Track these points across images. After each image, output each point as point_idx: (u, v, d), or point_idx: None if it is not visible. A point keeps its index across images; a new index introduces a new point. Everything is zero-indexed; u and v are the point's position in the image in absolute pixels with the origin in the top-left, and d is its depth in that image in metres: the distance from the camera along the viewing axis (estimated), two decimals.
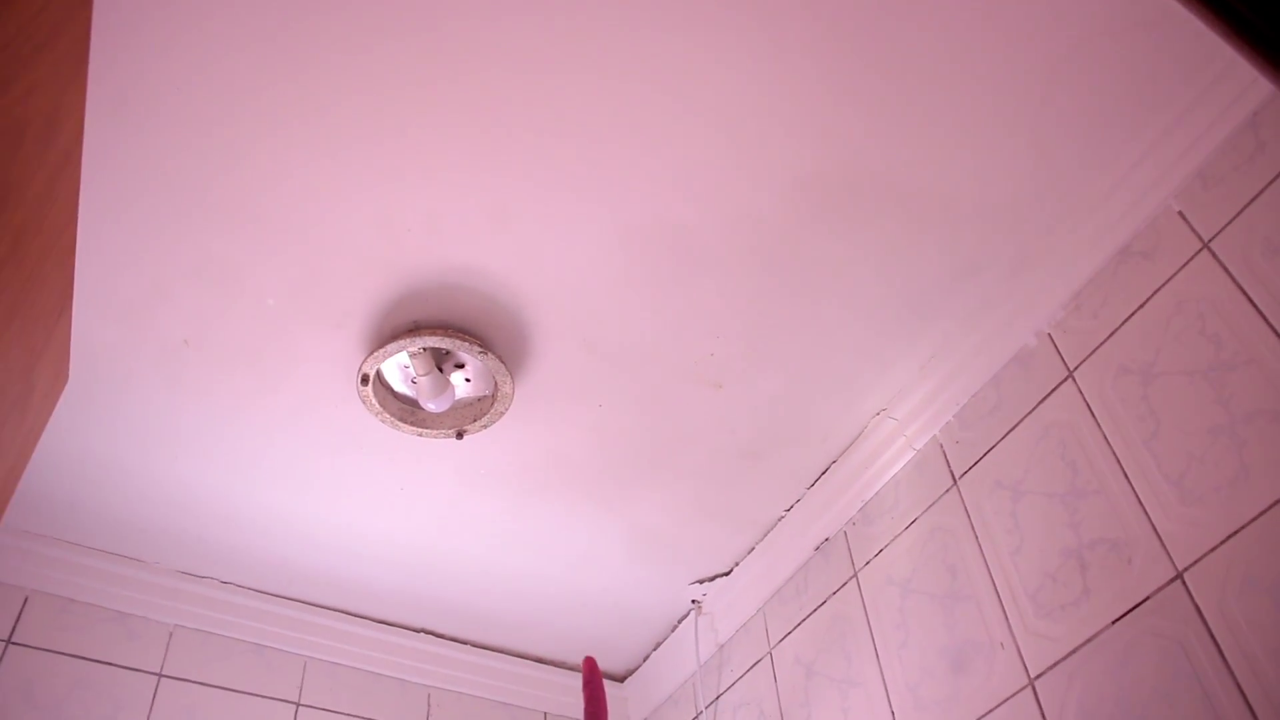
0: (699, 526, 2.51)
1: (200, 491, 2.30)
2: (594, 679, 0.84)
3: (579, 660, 2.95)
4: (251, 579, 2.57)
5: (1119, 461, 1.75)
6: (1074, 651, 1.71)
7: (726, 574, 2.66)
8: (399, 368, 2.08)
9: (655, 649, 2.92)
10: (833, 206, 1.85)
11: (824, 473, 2.40)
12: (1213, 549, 1.55)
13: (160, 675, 2.41)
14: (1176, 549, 1.60)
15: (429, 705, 2.75)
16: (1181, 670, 1.54)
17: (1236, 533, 1.52)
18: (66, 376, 1.86)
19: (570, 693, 2.96)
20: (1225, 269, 1.67)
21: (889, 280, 1.99)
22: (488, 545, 2.52)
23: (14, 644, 2.28)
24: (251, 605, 2.59)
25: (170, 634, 2.49)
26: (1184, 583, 1.57)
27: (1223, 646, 1.49)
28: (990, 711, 1.84)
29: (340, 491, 2.33)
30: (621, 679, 3.04)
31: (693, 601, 2.75)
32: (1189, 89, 1.73)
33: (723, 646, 2.70)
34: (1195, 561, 1.57)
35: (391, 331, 2.00)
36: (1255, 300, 1.61)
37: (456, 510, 2.41)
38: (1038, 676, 1.77)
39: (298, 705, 2.55)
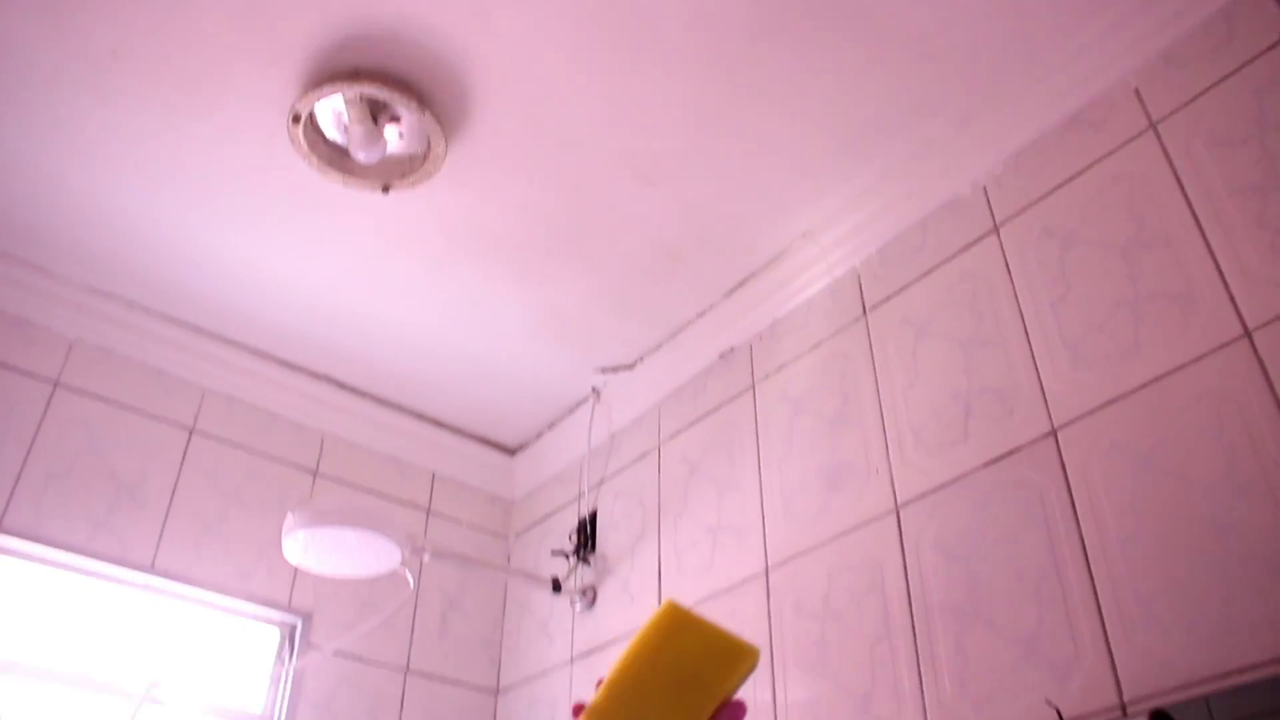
0: (611, 316, 2.55)
1: (115, 208, 2.24)
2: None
3: (476, 427, 3.02)
4: (159, 303, 2.54)
5: (1023, 318, 1.82)
6: (942, 486, 1.83)
7: (630, 367, 2.72)
8: (333, 113, 2.02)
9: (550, 428, 3.01)
10: (797, 20, 1.81)
11: (741, 284, 2.44)
12: (1090, 412, 1.64)
13: (56, 384, 2.41)
14: (1057, 407, 1.70)
15: (321, 450, 2.80)
16: (1035, 517, 1.66)
17: (1115, 400, 1.61)
18: None
19: (462, 457, 3.04)
20: (1166, 152, 1.70)
21: (839, 106, 1.98)
22: (400, 303, 2.53)
23: None
24: (156, 329, 2.57)
25: (70, 346, 2.47)
26: (1056, 439, 1.68)
27: (1076, 501, 1.61)
28: (853, 530, 1.96)
29: (258, 229, 2.29)
30: (512, 452, 3.13)
31: (593, 389, 2.81)
32: None
33: (615, 435, 2.80)
34: (1071, 421, 1.67)
35: (330, 74, 1.93)
36: (1186, 186, 1.65)
37: (373, 265, 2.40)
38: (904, 504, 1.89)
39: (191, 431, 2.58)
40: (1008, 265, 1.90)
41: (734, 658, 0.79)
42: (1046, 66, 1.89)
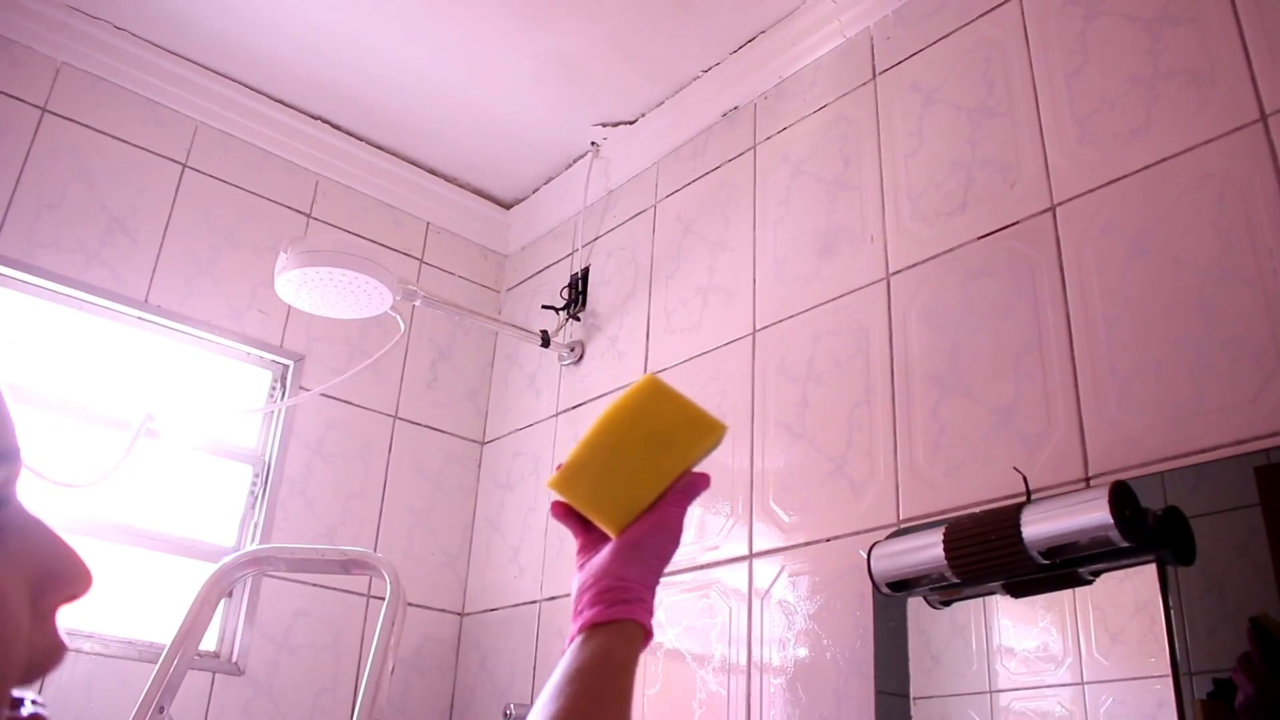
0: (614, 67, 2.47)
1: None
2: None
3: (472, 179, 2.99)
4: (148, 31, 2.44)
5: (1035, 90, 1.77)
6: (935, 256, 1.83)
7: (631, 123, 2.66)
8: None
9: (546, 183, 2.97)
10: None
11: (750, 41, 2.35)
12: (1090, 190, 1.62)
13: (44, 110, 2.35)
14: (1059, 183, 1.67)
15: (315, 192, 2.77)
16: (1024, 290, 1.66)
17: (1118, 180, 1.59)
18: None
19: (457, 208, 3.02)
20: None
21: None
22: (399, 41, 2.43)
23: None
24: (145, 57, 2.48)
25: (58, 70, 2.39)
26: (1054, 215, 1.66)
27: (1067, 278, 1.61)
28: (842, 296, 1.98)
29: None
30: (508, 206, 3.10)
31: (592, 143, 2.76)
32: None
33: (611, 192, 2.77)
34: (1071, 198, 1.65)
35: None
36: None
37: None
38: (895, 272, 1.89)
39: (184, 166, 2.54)
40: (1026, 33, 1.82)
41: (704, 430, 0.85)
42: None
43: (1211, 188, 1.47)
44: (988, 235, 1.76)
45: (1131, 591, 1.37)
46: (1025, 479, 1.52)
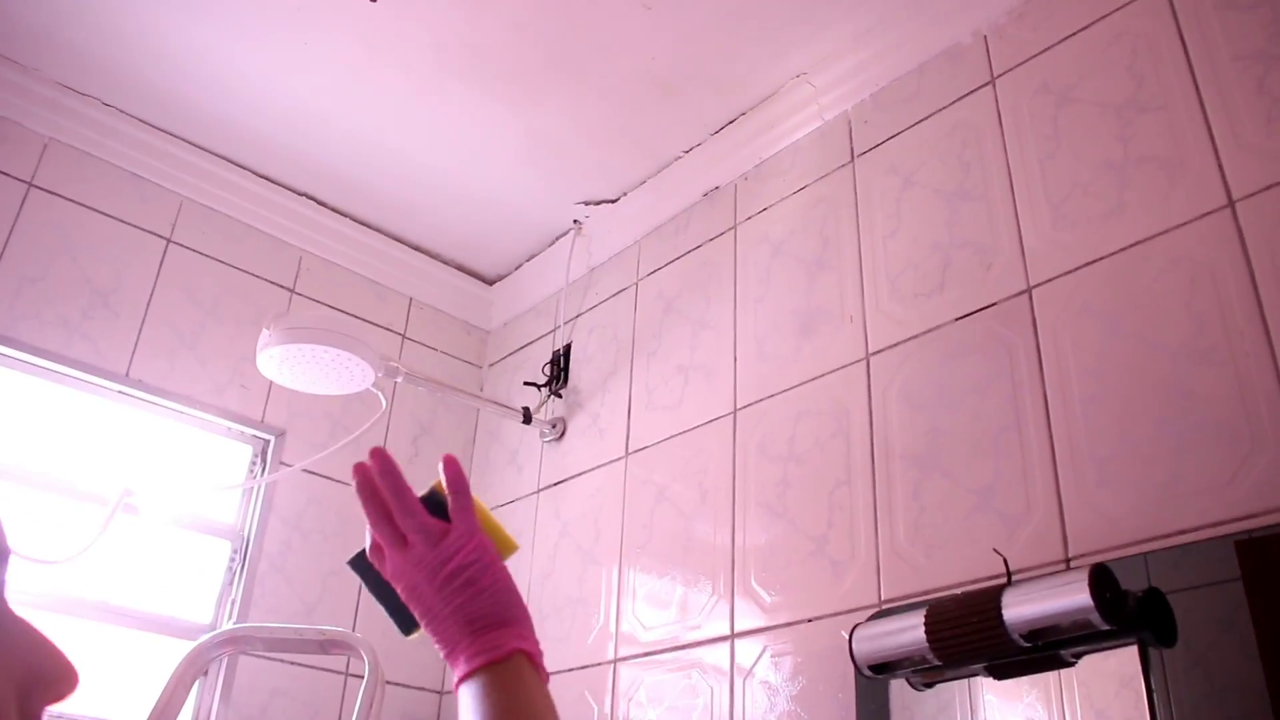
0: (596, 147, 2.51)
1: (93, 4, 2.15)
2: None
3: (455, 255, 3.01)
4: (136, 107, 2.47)
5: (1010, 173, 1.81)
6: (914, 337, 1.85)
7: (613, 201, 2.69)
8: None
9: (529, 260, 2.99)
10: None
11: (731, 122, 2.39)
12: (1066, 272, 1.65)
13: (30, 185, 2.36)
14: (1035, 265, 1.70)
15: (299, 268, 2.78)
16: (1001, 372, 1.68)
17: (1092, 263, 1.62)
18: None
19: (440, 284, 3.03)
20: (1174, 9, 1.66)
21: None
22: (383, 120, 2.47)
23: None
24: (133, 133, 2.51)
25: (45, 145, 2.41)
26: (1030, 297, 1.69)
27: (1044, 360, 1.63)
28: (822, 376, 1.99)
29: (239, 31, 2.21)
30: (490, 282, 3.12)
31: (575, 221, 2.79)
32: None
33: (594, 270, 2.79)
34: (1047, 280, 1.67)
35: None
36: (1189, 48, 1.61)
37: (359, 78, 2.33)
38: (875, 352, 1.91)
39: (169, 241, 2.55)
40: (1000, 118, 1.87)
41: (503, 544, 0.91)
42: None
43: (1184, 271, 1.50)
44: (966, 316, 1.78)
45: (1116, 668, 1.36)
46: (1005, 561, 1.52)
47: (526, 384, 2.77)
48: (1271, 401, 1.35)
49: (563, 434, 2.64)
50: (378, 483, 0.84)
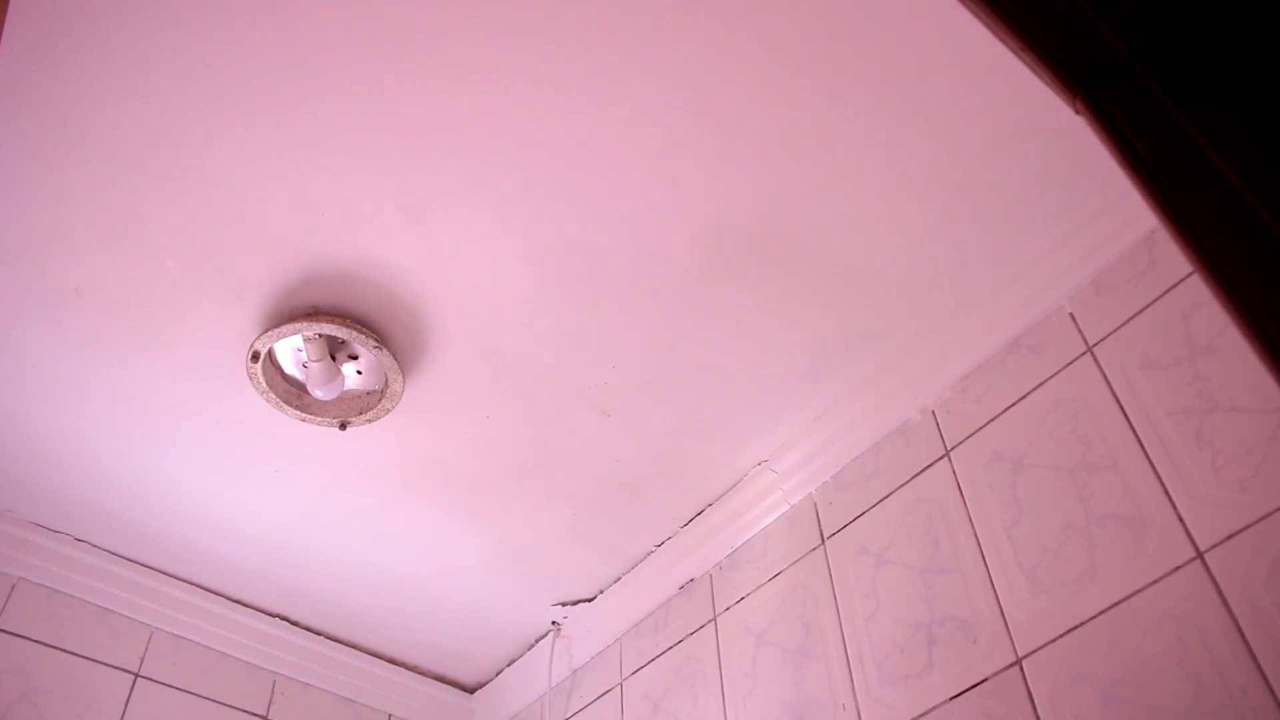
0: (568, 549, 2.52)
1: (66, 443, 2.23)
2: None
3: (434, 665, 2.92)
4: (107, 540, 2.49)
5: (979, 544, 1.81)
6: None
7: (590, 600, 2.66)
8: (292, 350, 2.05)
9: (509, 665, 2.91)
10: (740, 254, 1.88)
11: (699, 514, 2.43)
12: (1053, 640, 1.61)
13: None
14: (1020, 635, 1.66)
15: (273, 693, 2.69)
16: None
17: (1076, 628, 1.58)
18: None
19: (419, 697, 2.92)
20: (1104, 375, 1.74)
21: (788, 335, 2.03)
22: (355, 539, 2.49)
23: None
24: (103, 566, 2.51)
25: (13, 586, 2.39)
26: (1022, 669, 1.63)
27: None
28: None
29: (213, 464, 2.28)
30: (472, 690, 3.01)
31: (553, 623, 2.74)
32: (1095, 199, 1.81)
33: (576, 671, 2.70)
34: (1035, 650, 1.63)
35: (289, 313, 1.97)
36: (1126, 409, 1.68)
37: (329, 500, 2.37)
38: None
39: (136, 676, 2.47)
40: (960, 490, 1.90)
41: None
42: (986, 293, 1.96)
43: (1169, 628, 1.47)
44: (960, 694, 1.71)
45: None
46: None
47: None
48: None
49: None
50: None
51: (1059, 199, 1.81)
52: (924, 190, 1.78)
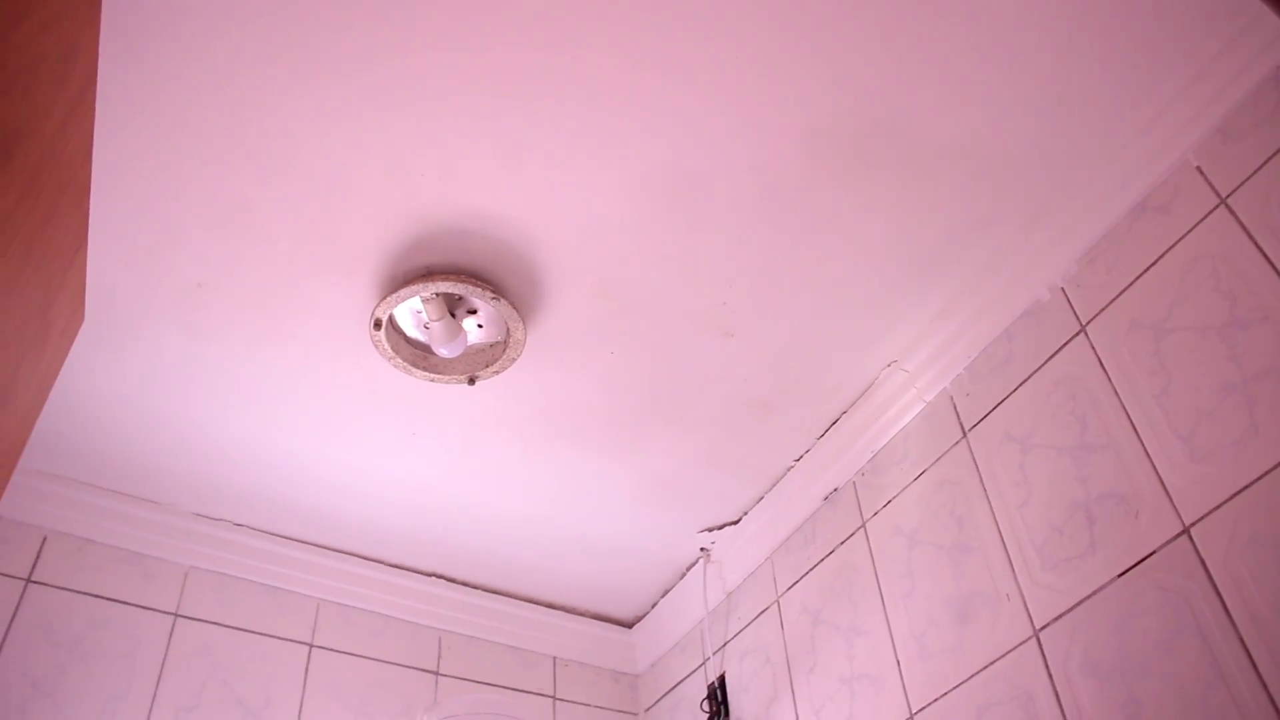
0: (708, 475, 2.53)
1: (213, 434, 2.32)
2: None
3: (591, 605, 2.99)
4: (265, 521, 2.60)
5: (1129, 416, 1.75)
6: (1079, 604, 1.73)
7: (735, 523, 2.68)
8: (411, 313, 2.08)
9: (663, 596, 2.95)
10: (844, 156, 1.84)
11: (834, 424, 2.40)
12: (1220, 505, 1.55)
13: (176, 615, 2.45)
14: (1184, 504, 1.61)
15: (440, 648, 2.78)
16: (1185, 624, 1.54)
17: (1244, 489, 1.52)
18: (83, 316, 1.87)
19: (580, 637, 2.99)
20: (1242, 225, 1.66)
21: (901, 231, 1.98)
22: (498, 491, 2.54)
23: (33, 582, 2.31)
24: (265, 547, 2.63)
25: (186, 575, 2.52)
26: (1190, 537, 1.58)
27: (1227, 601, 1.49)
28: (995, 661, 1.86)
29: (352, 436, 2.35)
30: (630, 625, 3.07)
31: (701, 550, 2.77)
32: (1213, 41, 1.71)
33: (731, 594, 2.73)
34: (1202, 517, 1.57)
35: (404, 276, 2.00)
36: (1271, 258, 1.59)
37: (468, 456, 2.43)
38: (1043, 628, 1.78)
39: (311, 646, 2.59)
40: (1102, 364, 1.84)
41: None
42: (1103, 159, 1.87)
43: None
44: (1127, 571, 1.67)
45: None
46: None
47: None
48: None
49: None
50: None
51: (1170, 47, 1.71)
52: (1024, 58, 1.71)
